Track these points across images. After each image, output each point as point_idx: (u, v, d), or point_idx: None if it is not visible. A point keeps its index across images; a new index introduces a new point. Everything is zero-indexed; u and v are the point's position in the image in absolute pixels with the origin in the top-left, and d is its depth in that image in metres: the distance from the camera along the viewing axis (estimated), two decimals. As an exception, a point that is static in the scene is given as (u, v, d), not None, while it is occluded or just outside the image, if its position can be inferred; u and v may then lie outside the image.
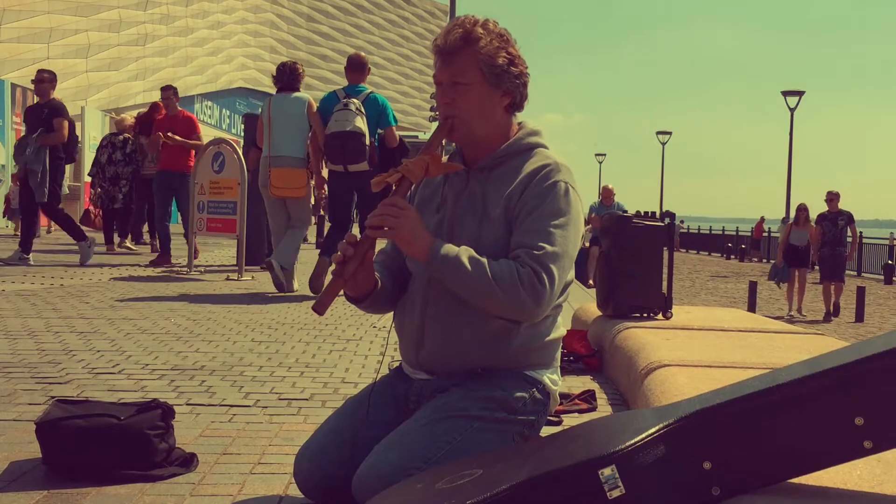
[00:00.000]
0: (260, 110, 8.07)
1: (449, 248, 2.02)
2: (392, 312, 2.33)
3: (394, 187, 2.11)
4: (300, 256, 8.26)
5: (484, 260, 2.00)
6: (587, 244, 15.81)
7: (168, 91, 10.65)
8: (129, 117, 13.51)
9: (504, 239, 2.09)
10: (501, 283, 1.97)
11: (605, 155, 57.17)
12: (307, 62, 50.41)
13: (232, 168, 9.23)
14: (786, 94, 30.97)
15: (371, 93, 7.63)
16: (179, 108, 10.66)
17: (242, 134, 11.84)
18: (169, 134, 10.32)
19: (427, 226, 2.11)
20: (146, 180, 12.21)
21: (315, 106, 7.69)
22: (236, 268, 9.35)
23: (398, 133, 7.79)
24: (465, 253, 2.01)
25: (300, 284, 8.10)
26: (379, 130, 7.58)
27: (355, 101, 7.35)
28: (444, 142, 2.27)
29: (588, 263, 15.78)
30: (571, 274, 2.13)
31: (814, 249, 15.69)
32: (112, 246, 12.85)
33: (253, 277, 9.17)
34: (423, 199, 2.30)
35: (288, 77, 7.87)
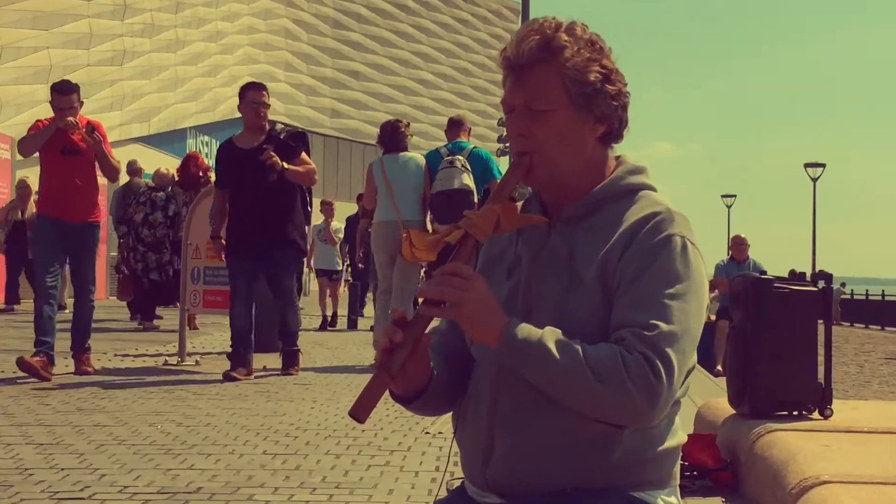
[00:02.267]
0: (370, 171, 9.68)
1: (529, 331, 2.04)
2: (450, 414, 2.35)
3: (455, 249, 2.15)
4: (328, 340, 8.07)
5: (577, 345, 2.02)
6: (712, 317, 15.64)
7: (70, 96, 8.68)
8: (172, 169, 14.31)
9: (600, 313, 2.11)
10: (602, 376, 1.99)
11: (734, 196, 55.78)
12: (333, 80, 51.29)
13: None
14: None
15: (475, 148, 9.50)
16: (80, 116, 8.76)
17: None
18: (95, 133, 8.60)
19: (496, 297, 2.13)
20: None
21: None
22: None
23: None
24: (550, 336, 2.04)
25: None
26: (486, 186, 9.15)
27: (460, 157, 9.16)
28: (518, 186, 2.25)
29: (714, 343, 15.60)
30: (693, 358, 2.13)
31: None
32: (150, 322, 13.73)
33: (265, 368, 9.16)
34: (489, 261, 2.34)
35: (390, 137, 9.61)
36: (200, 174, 13.56)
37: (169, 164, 16.64)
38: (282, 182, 8.60)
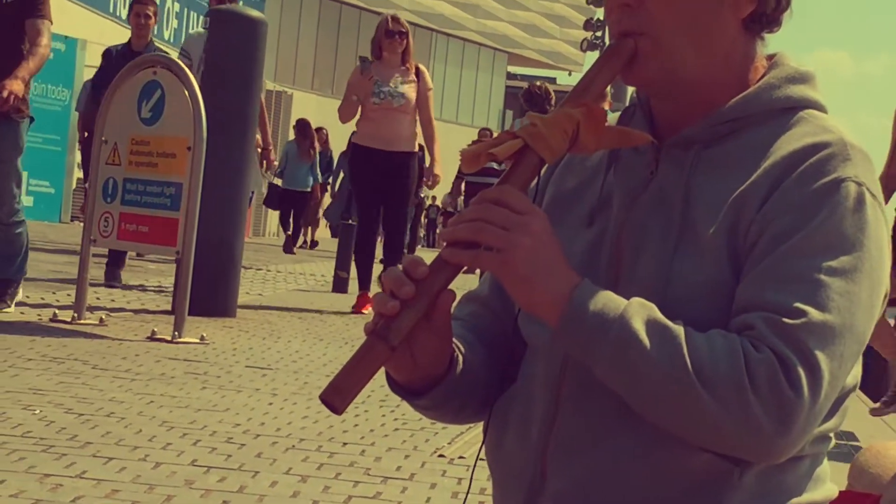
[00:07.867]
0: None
1: (607, 302, 2.00)
2: (479, 424, 2.31)
3: (508, 169, 2.10)
4: (300, 305, 8.92)
5: (679, 330, 1.98)
6: (890, 321, 15.09)
7: None
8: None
9: (721, 284, 2.06)
10: (712, 380, 1.94)
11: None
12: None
13: (178, 115, 8.88)
14: None
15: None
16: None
17: (203, 52, 11.27)
18: None
19: (567, 252, 2.09)
20: None
21: None
22: (172, 316, 9.11)
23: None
24: (639, 312, 1.99)
25: None
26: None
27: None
28: (610, 88, 2.17)
29: (888, 359, 14.99)
30: (857, 371, 2.07)
31: None
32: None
33: (203, 338, 8.94)
34: (560, 198, 2.32)
35: (543, 99, 12.40)
36: None
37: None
38: None
